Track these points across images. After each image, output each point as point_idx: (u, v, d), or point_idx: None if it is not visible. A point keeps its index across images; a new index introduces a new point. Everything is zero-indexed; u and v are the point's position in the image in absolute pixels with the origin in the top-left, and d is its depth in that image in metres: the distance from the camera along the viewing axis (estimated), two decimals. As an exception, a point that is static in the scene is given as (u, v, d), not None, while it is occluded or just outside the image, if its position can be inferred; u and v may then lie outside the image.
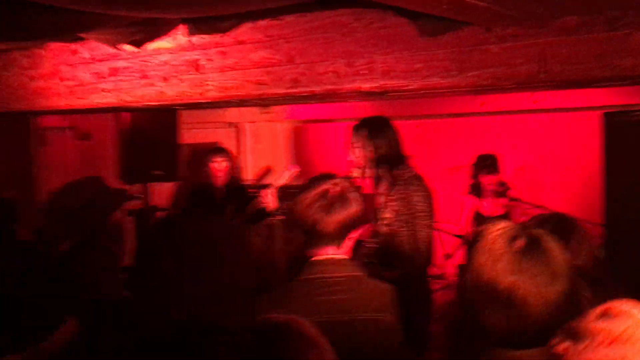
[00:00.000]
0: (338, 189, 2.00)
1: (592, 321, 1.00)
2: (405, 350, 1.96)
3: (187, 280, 1.29)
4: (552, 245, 1.37)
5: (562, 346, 0.98)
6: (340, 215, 1.97)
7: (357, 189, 2.08)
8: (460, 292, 1.42)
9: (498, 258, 1.34)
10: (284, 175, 4.59)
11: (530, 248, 1.35)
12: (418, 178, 3.19)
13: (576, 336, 0.98)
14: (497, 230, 1.39)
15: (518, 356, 1.32)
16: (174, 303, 1.29)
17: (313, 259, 2.01)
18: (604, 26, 2.38)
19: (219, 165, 4.69)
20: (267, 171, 6.38)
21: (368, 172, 3.29)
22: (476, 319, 1.35)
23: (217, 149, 4.92)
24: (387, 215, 3.23)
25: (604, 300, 1.65)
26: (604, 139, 2.51)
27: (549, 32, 2.46)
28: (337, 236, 1.98)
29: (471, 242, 1.41)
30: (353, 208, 2.00)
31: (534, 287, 1.30)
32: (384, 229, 3.23)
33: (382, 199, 3.29)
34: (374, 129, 3.25)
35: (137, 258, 1.39)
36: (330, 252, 2.00)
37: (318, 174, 2.18)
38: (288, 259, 5.44)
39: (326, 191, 1.99)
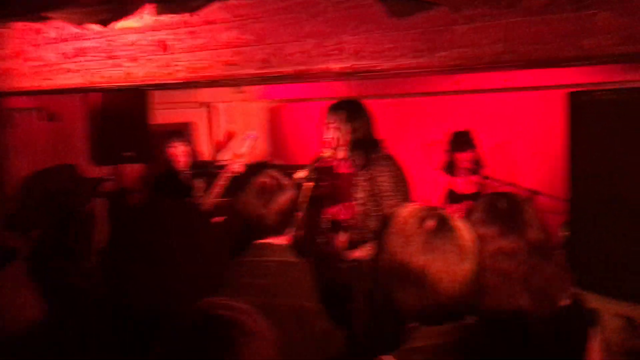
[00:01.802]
0: (273, 181, 2.17)
1: None
2: (331, 338, 2.01)
3: (158, 265, 1.29)
4: (460, 225, 1.43)
5: None
6: (279, 206, 2.11)
7: (289, 176, 2.27)
8: (375, 273, 1.47)
9: (409, 239, 1.39)
10: (245, 143, 4.62)
11: (439, 228, 1.40)
12: (387, 158, 3.24)
13: None
14: (407, 212, 1.44)
15: (435, 331, 1.38)
16: (146, 287, 1.29)
17: (255, 242, 2.12)
18: (569, 6, 2.40)
19: (177, 150, 4.74)
20: (229, 137, 6.37)
21: (342, 153, 3.33)
22: (391, 299, 1.41)
23: (171, 133, 4.95)
24: (360, 195, 3.29)
25: (557, 269, 1.70)
26: (568, 117, 2.56)
27: (515, 12, 2.47)
28: (279, 225, 2.12)
29: (382, 225, 1.46)
30: (289, 195, 2.16)
31: (445, 266, 1.36)
32: (359, 208, 3.30)
33: (355, 180, 3.34)
34: (352, 111, 3.29)
35: (109, 244, 1.40)
36: (271, 239, 2.12)
37: (252, 163, 2.37)
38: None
39: (264, 184, 2.15)
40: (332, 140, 3.36)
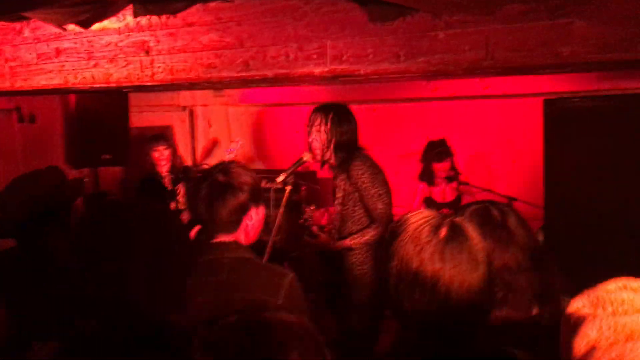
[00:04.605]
0: (225, 177, 2.05)
1: (615, 292, 1.06)
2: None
3: (123, 269, 1.26)
4: (473, 233, 1.43)
5: (585, 310, 1.04)
6: (226, 205, 2.03)
7: (249, 172, 2.13)
8: (385, 280, 1.45)
9: (423, 247, 1.39)
10: (231, 150, 4.61)
11: (452, 236, 1.40)
12: (362, 156, 3.31)
13: (599, 303, 1.04)
14: (420, 220, 1.44)
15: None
16: (115, 294, 1.26)
17: (209, 242, 2.10)
18: (546, 14, 2.45)
19: (160, 154, 4.71)
20: (214, 144, 6.35)
21: (326, 155, 3.36)
22: (400, 305, 1.40)
23: (155, 137, 4.90)
24: (338, 195, 3.34)
25: (545, 277, 1.71)
26: (544, 125, 2.60)
27: (494, 19, 2.51)
28: (227, 224, 2.06)
29: (394, 232, 1.45)
30: (240, 196, 2.05)
31: (458, 273, 1.36)
32: (338, 208, 3.34)
33: (335, 181, 3.39)
34: (340, 114, 3.34)
35: (76, 246, 1.37)
36: (222, 237, 2.08)
37: (219, 162, 2.21)
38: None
39: (214, 180, 2.05)
40: (316, 143, 3.38)
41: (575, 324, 1.07)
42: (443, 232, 1.40)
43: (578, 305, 1.10)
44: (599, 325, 1.02)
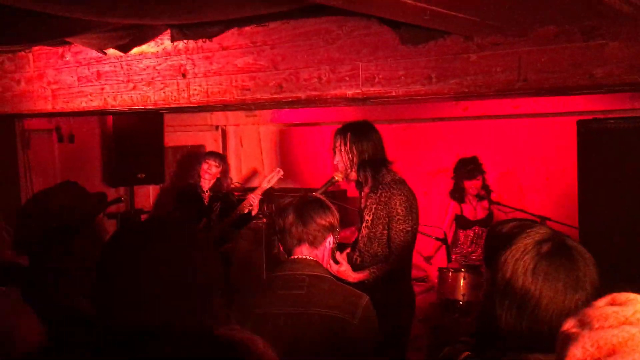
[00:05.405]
0: (316, 198, 2.24)
1: (601, 307, 1.02)
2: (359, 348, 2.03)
3: (148, 283, 1.26)
4: (581, 256, 1.35)
5: (574, 329, 1.01)
6: (315, 219, 2.17)
7: (331, 203, 2.29)
8: (484, 286, 1.45)
9: (520, 257, 1.34)
10: (270, 178, 4.63)
11: (555, 253, 1.33)
12: (400, 182, 3.25)
13: (587, 321, 1.01)
14: (529, 233, 1.39)
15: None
16: (131, 307, 1.26)
17: (288, 257, 2.20)
18: (580, 36, 2.45)
19: (210, 168, 4.71)
20: (254, 174, 6.43)
21: (351, 175, 3.36)
22: (491, 314, 1.36)
23: (212, 152, 4.96)
24: (367, 217, 3.31)
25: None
26: (577, 145, 2.59)
27: (527, 41, 2.53)
28: (312, 239, 2.16)
29: (503, 243, 1.41)
30: (329, 214, 2.20)
31: (551, 292, 1.30)
32: (364, 230, 3.31)
33: (364, 202, 3.37)
34: (358, 133, 3.31)
35: (101, 260, 1.37)
36: (304, 253, 2.18)
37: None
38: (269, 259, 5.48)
39: (305, 197, 2.21)
40: (340, 164, 3.38)
41: (564, 343, 1.01)
42: (545, 247, 1.34)
43: (569, 325, 1.04)
44: (583, 343, 0.98)
